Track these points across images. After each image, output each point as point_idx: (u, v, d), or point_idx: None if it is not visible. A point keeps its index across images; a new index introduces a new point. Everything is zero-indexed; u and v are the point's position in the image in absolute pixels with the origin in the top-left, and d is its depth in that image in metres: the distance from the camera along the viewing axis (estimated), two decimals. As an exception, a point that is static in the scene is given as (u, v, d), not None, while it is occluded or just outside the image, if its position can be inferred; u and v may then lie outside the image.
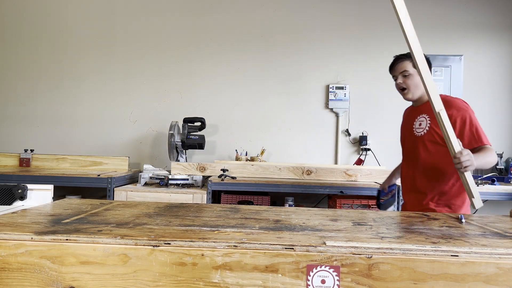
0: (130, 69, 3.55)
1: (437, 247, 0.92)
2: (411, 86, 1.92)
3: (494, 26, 3.41)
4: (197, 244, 0.92)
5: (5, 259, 0.92)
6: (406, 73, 1.91)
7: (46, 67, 3.58)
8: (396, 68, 1.94)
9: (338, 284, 0.88)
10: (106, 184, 2.72)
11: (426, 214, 1.46)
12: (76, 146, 3.51)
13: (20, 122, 3.57)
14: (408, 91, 1.93)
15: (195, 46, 3.52)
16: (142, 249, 0.91)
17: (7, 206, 1.42)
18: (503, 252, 0.91)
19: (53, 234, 0.95)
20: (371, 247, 0.91)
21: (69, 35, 3.58)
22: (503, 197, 2.69)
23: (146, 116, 3.53)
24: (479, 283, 0.87)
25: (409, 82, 1.91)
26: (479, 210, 3.18)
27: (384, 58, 3.45)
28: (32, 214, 1.22)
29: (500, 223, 1.31)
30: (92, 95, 3.55)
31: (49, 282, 0.91)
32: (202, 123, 3.16)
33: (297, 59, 3.50)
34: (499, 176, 3.11)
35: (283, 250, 0.90)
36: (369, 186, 2.70)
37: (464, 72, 3.41)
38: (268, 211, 1.43)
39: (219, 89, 3.47)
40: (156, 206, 1.48)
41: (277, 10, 3.51)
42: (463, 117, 1.81)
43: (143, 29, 3.56)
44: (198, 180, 2.87)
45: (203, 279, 0.90)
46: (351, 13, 3.48)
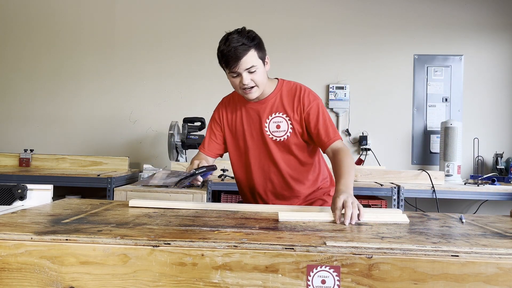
0: (130, 69, 3.55)
1: (437, 247, 0.92)
2: (260, 82, 1.55)
3: (494, 26, 3.41)
4: (197, 244, 0.92)
5: (4, 259, 0.92)
6: (254, 69, 1.51)
7: (46, 67, 3.58)
8: (239, 64, 1.48)
9: (339, 284, 0.88)
10: (106, 184, 2.72)
11: (426, 214, 1.46)
12: (76, 146, 3.51)
13: (20, 122, 3.57)
14: (256, 88, 1.55)
15: (195, 46, 3.52)
16: (142, 249, 0.91)
17: (6, 206, 1.42)
18: (503, 252, 0.91)
19: (53, 234, 0.95)
20: (371, 247, 0.91)
21: (69, 35, 3.58)
22: (503, 197, 2.69)
23: (146, 116, 3.53)
24: (479, 283, 0.87)
25: (258, 77, 1.53)
26: (479, 210, 3.20)
27: (384, 58, 3.46)
28: (32, 214, 1.22)
29: (501, 223, 1.30)
30: (92, 95, 3.55)
31: (48, 282, 0.91)
32: (202, 123, 3.15)
33: (297, 58, 3.50)
34: (499, 176, 3.12)
35: (283, 250, 0.90)
36: (369, 186, 2.70)
37: (464, 72, 3.41)
38: (268, 211, 1.43)
39: (219, 89, 3.45)
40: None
41: (277, 10, 3.51)
42: (316, 108, 1.60)
43: (143, 29, 3.55)
44: (198, 180, 2.87)
45: (203, 279, 0.89)
46: (351, 12, 3.48)
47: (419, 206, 3.26)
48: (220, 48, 1.52)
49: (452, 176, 3.01)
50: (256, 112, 1.65)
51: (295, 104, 1.62)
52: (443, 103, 3.42)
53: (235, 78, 1.55)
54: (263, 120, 1.64)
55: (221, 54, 1.52)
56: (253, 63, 1.50)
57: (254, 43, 1.51)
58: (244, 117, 1.68)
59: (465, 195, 2.73)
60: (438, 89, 3.43)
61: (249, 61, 1.49)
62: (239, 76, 1.52)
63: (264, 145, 1.66)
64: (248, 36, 1.51)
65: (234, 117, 1.70)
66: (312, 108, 1.61)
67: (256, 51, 1.52)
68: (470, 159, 3.23)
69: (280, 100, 1.63)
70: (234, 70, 1.51)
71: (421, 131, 3.42)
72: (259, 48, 1.53)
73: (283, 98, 1.64)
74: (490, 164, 3.33)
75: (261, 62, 1.55)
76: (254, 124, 1.66)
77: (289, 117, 1.62)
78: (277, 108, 1.63)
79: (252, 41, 1.51)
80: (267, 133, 1.64)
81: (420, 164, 3.39)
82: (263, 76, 1.57)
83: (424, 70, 3.43)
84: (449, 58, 3.42)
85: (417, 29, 3.45)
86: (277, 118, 1.63)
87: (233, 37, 1.49)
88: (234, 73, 1.52)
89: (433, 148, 3.40)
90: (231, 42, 1.48)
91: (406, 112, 3.44)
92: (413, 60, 3.44)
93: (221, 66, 1.57)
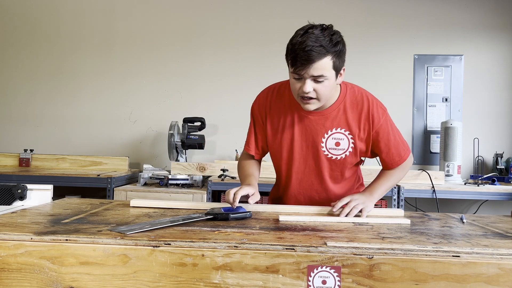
0: (130, 69, 3.54)
1: (438, 247, 0.92)
2: (323, 96, 1.31)
3: (494, 26, 3.41)
4: (198, 244, 0.91)
5: (4, 260, 0.92)
6: (322, 79, 1.26)
7: (46, 67, 3.57)
8: (307, 68, 1.24)
9: (339, 284, 0.88)
10: (106, 184, 2.72)
11: (426, 214, 1.45)
12: (76, 146, 3.51)
13: (20, 122, 3.57)
14: (316, 101, 1.32)
15: (195, 45, 3.52)
16: (142, 249, 0.91)
17: (6, 206, 1.42)
18: (504, 252, 0.91)
19: (52, 234, 0.95)
20: (372, 248, 0.91)
21: (69, 35, 3.58)
22: (504, 197, 2.69)
23: (146, 116, 3.52)
24: (480, 283, 0.87)
25: (323, 90, 1.29)
26: (479, 210, 3.19)
27: (384, 58, 3.46)
28: (32, 214, 1.22)
29: (502, 223, 1.30)
30: (92, 95, 3.55)
31: (48, 283, 0.91)
32: (202, 123, 3.15)
33: (297, 59, 3.49)
34: (499, 176, 3.11)
35: (283, 251, 0.90)
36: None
37: (464, 72, 3.41)
38: (268, 211, 1.43)
39: (219, 89, 3.47)
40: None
41: (278, 10, 3.51)
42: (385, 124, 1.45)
43: (143, 29, 3.55)
44: (198, 180, 2.87)
45: (203, 279, 0.89)
46: (351, 12, 3.48)
47: (419, 206, 3.26)
48: (293, 40, 1.26)
49: (452, 176, 3.01)
50: (314, 124, 1.41)
51: (362, 120, 1.40)
52: (443, 103, 3.42)
53: (296, 81, 1.30)
54: (320, 134, 1.42)
55: (291, 48, 1.26)
56: (323, 72, 1.25)
57: (335, 50, 1.25)
58: (296, 125, 1.43)
59: (465, 195, 2.73)
60: (438, 89, 3.43)
61: (320, 69, 1.24)
62: (302, 81, 1.28)
63: (315, 162, 1.46)
64: (331, 38, 1.24)
65: (282, 121, 1.45)
66: (382, 126, 1.41)
67: (334, 59, 1.26)
68: (470, 159, 3.23)
69: (344, 113, 1.40)
70: (299, 72, 1.26)
71: (421, 131, 3.42)
72: (338, 56, 1.27)
73: (347, 110, 1.40)
74: (490, 164, 3.33)
75: (334, 74, 1.28)
76: (307, 137, 1.43)
77: (352, 134, 1.41)
78: (339, 123, 1.41)
79: (334, 47, 1.24)
80: (323, 150, 1.42)
81: (420, 164, 3.38)
82: (330, 90, 1.32)
83: (424, 70, 3.43)
84: (449, 58, 3.42)
85: (417, 29, 3.44)
86: (338, 135, 1.41)
87: (313, 32, 1.23)
88: (298, 75, 1.28)
89: (433, 148, 3.39)
90: (308, 39, 1.22)
91: (406, 112, 3.43)
92: (413, 60, 3.44)
93: (286, 59, 1.32)
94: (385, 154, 1.45)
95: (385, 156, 1.46)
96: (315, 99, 1.31)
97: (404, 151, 1.47)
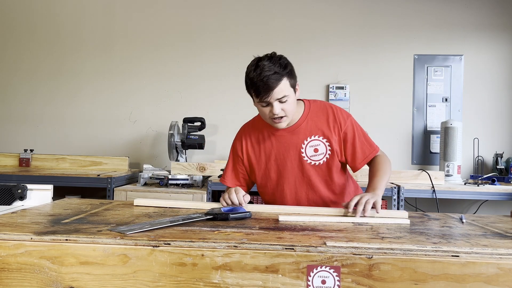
0: (130, 69, 3.54)
1: (437, 247, 0.92)
2: (290, 112, 1.48)
3: (494, 26, 3.41)
4: (197, 244, 0.91)
5: (4, 259, 0.92)
6: (285, 99, 1.43)
7: (46, 66, 3.58)
8: (271, 94, 1.40)
9: (339, 284, 0.88)
10: (106, 184, 2.72)
11: (426, 214, 1.46)
12: (76, 146, 3.51)
13: (20, 122, 3.57)
14: (286, 118, 1.49)
15: (195, 46, 3.52)
16: (142, 249, 0.91)
17: (6, 206, 1.42)
18: (504, 252, 0.91)
19: (52, 234, 0.95)
20: (371, 248, 0.91)
21: (69, 34, 3.58)
22: (504, 197, 2.69)
23: (146, 116, 3.52)
24: (480, 283, 0.87)
25: (288, 107, 1.46)
26: (479, 210, 3.19)
27: (384, 58, 3.46)
28: (32, 214, 1.22)
29: (501, 223, 1.30)
30: (92, 95, 3.55)
31: (48, 283, 0.91)
32: (202, 123, 3.15)
33: (297, 58, 3.44)
34: (499, 176, 3.11)
35: (283, 251, 0.90)
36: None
37: (464, 72, 3.41)
38: (268, 211, 1.43)
39: (219, 89, 3.47)
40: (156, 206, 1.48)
41: (278, 10, 3.51)
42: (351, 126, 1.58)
43: (143, 29, 3.55)
44: (198, 180, 2.87)
45: (203, 279, 0.89)
46: (351, 12, 3.48)
47: (419, 206, 3.26)
48: (249, 75, 1.43)
49: (452, 176, 3.01)
50: (289, 139, 1.56)
51: (330, 124, 1.56)
52: (443, 103, 3.42)
53: (264, 108, 1.46)
54: (298, 146, 1.55)
55: (251, 82, 1.43)
56: (285, 93, 1.42)
57: (286, 71, 1.43)
58: (274, 145, 1.58)
59: (465, 195, 2.73)
60: (438, 89, 3.43)
61: (281, 91, 1.41)
62: (269, 106, 1.45)
63: (301, 172, 1.57)
64: (280, 63, 1.42)
65: (262, 147, 1.60)
66: (348, 127, 1.56)
67: (288, 79, 1.44)
68: (470, 159, 3.23)
69: (313, 122, 1.56)
70: (264, 100, 1.42)
71: (421, 131, 3.42)
72: (291, 75, 1.45)
73: (315, 119, 1.57)
74: (490, 164, 3.33)
75: (292, 91, 1.47)
76: (288, 152, 1.56)
77: (326, 138, 1.55)
78: (312, 131, 1.55)
79: (285, 69, 1.42)
80: (305, 159, 1.55)
81: (420, 164, 3.38)
82: (294, 105, 1.49)
83: (424, 70, 3.43)
84: (449, 58, 3.42)
85: (417, 29, 3.44)
86: (314, 142, 1.55)
87: (264, 64, 1.40)
88: (264, 102, 1.44)
89: (433, 148, 3.39)
90: (262, 70, 1.39)
91: (406, 112, 3.43)
92: (413, 60, 3.44)
93: (248, 92, 1.49)
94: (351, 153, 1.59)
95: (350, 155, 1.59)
96: (284, 116, 1.47)
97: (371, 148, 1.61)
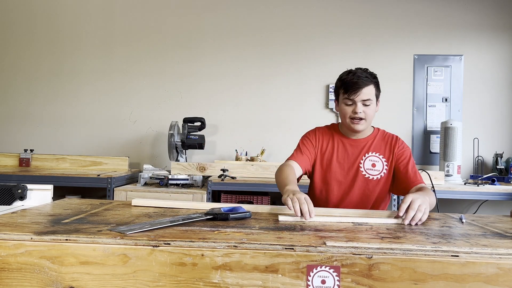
0: (130, 69, 3.54)
1: (437, 247, 0.92)
2: (369, 117, 1.63)
3: (494, 26, 3.41)
4: (197, 244, 0.92)
5: (4, 259, 0.92)
6: (369, 102, 1.60)
7: (46, 66, 3.58)
8: (359, 93, 1.57)
9: (338, 284, 0.88)
10: (106, 184, 2.72)
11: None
12: (76, 146, 3.51)
13: (20, 122, 3.57)
14: (365, 122, 1.63)
15: (195, 46, 3.52)
16: (142, 249, 0.91)
17: (6, 206, 1.42)
18: (503, 252, 0.91)
19: (52, 234, 0.95)
20: (371, 247, 0.91)
21: (69, 34, 3.58)
22: (503, 197, 2.69)
23: (146, 116, 3.53)
24: (479, 283, 0.87)
25: (369, 112, 1.61)
26: (479, 210, 3.19)
27: (384, 58, 3.46)
28: (32, 214, 1.22)
29: (501, 223, 1.30)
30: (92, 95, 3.55)
31: (48, 282, 0.91)
32: (202, 123, 3.16)
33: (297, 58, 3.49)
34: (499, 176, 3.11)
35: (283, 250, 0.90)
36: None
37: (464, 72, 3.41)
38: (268, 211, 1.43)
39: (219, 89, 3.47)
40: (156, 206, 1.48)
41: (277, 10, 3.51)
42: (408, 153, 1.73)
43: (143, 29, 3.55)
44: (198, 180, 2.87)
45: (203, 279, 0.89)
46: (351, 12, 3.48)
47: (419, 206, 3.26)
48: (342, 77, 1.64)
49: (452, 176, 3.01)
50: (354, 148, 1.71)
51: (392, 148, 1.71)
52: (443, 103, 3.42)
53: (348, 106, 1.62)
54: (360, 156, 1.70)
55: (342, 82, 1.62)
56: (370, 97, 1.59)
57: (375, 80, 1.63)
58: (339, 149, 1.72)
59: (465, 195, 2.72)
60: (438, 89, 3.43)
61: (367, 93, 1.59)
62: (354, 105, 1.60)
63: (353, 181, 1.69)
64: (371, 73, 1.64)
65: (331, 146, 1.74)
66: (404, 152, 1.70)
67: (375, 87, 1.63)
68: (470, 159, 3.23)
69: (378, 142, 1.72)
70: (352, 97, 1.59)
71: (421, 131, 3.42)
72: (377, 86, 1.65)
73: (380, 141, 1.73)
74: (490, 164, 3.33)
75: (376, 100, 1.64)
76: (348, 159, 1.70)
77: (386, 158, 1.70)
78: (375, 148, 1.71)
79: (374, 78, 1.63)
80: (361, 170, 1.69)
81: (420, 164, 3.39)
82: (373, 113, 1.65)
83: (424, 70, 3.43)
84: (449, 58, 3.42)
85: (417, 29, 3.45)
86: (374, 157, 1.69)
87: (357, 70, 1.63)
88: (350, 100, 1.60)
89: (433, 148, 3.40)
90: (356, 73, 1.60)
91: (406, 112, 3.44)
92: (413, 60, 3.44)
93: (335, 94, 1.69)
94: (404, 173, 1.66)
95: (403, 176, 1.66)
96: (363, 119, 1.61)
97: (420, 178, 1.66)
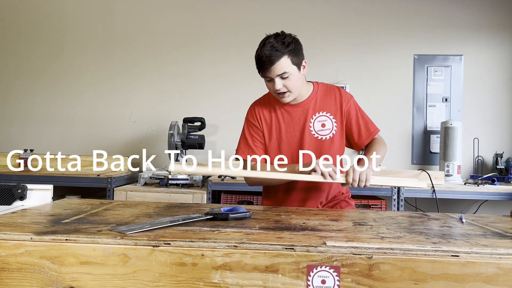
0: (130, 69, 3.54)
1: (437, 247, 0.92)
2: (293, 88, 1.57)
3: (494, 26, 3.41)
4: (197, 244, 0.92)
5: (4, 259, 0.92)
6: (286, 75, 1.53)
7: (46, 66, 3.58)
8: (271, 69, 1.51)
9: (339, 284, 0.88)
10: (106, 184, 2.72)
11: (426, 214, 1.46)
12: (76, 146, 3.51)
13: (20, 122, 3.57)
14: (289, 94, 1.58)
15: (195, 45, 3.52)
16: (142, 249, 0.91)
17: (6, 206, 1.42)
18: (503, 252, 0.91)
19: (53, 234, 0.95)
20: (371, 247, 0.91)
21: (69, 34, 3.58)
22: (503, 197, 2.69)
23: (146, 116, 3.52)
24: (479, 283, 0.87)
25: (291, 83, 1.55)
26: (479, 210, 3.20)
27: (384, 58, 3.46)
28: (32, 214, 1.22)
29: (501, 223, 1.30)
30: (92, 95, 3.55)
31: (48, 282, 0.91)
32: (202, 123, 3.15)
33: (297, 59, 3.49)
34: (499, 176, 3.11)
35: (283, 250, 0.90)
36: (369, 186, 2.69)
37: (464, 72, 3.41)
38: (268, 211, 1.43)
39: (219, 89, 3.47)
40: (156, 206, 1.48)
41: (277, 9, 3.51)
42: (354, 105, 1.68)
43: (143, 29, 3.55)
44: (198, 180, 2.87)
45: (203, 279, 0.89)
46: (352, 12, 3.48)
47: (419, 206, 3.26)
48: (256, 52, 1.56)
49: (452, 176, 3.01)
50: (299, 113, 1.66)
51: (336, 103, 1.66)
52: (443, 103, 3.42)
53: (268, 82, 1.59)
54: (307, 119, 1.64)
55: (256, 58, 1.56)
56: (285, 70, 1.52)
57: (288, 49, 1.52)
58: (284, 118, 1.67)
59: (465, 195, 2.73)
60: (438, 89, 3.43)
61: (280, 68, 1.51)
62: (272, 81, 1.55)
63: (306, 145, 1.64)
64: (283, 41, 1.52)
65: (274, 116, 1.68)
66: (351, 107, 1.66)
67: (290, 57, 1.53)
68: (470, 159, 3.23)
69: (321, 101, 1.67)
70: (266, 75, 1.54)
71: (421, 131, 3.42)
72: (294, 54, 1.54)
73: (324, 98, 1.67)
74: (490, 164, 3.33)
75: (295, 68, 1.55)
76: (296, 124, 1.65)
77: (333, 115, 1.66)
78: (321, 107, 1.66)
79: (287, 47, 1.52)
80: (312, 132, 1.64)
81: (420, 164, 3.38)
82: (297, 82, 1.58)
83: (424, 70, 3.43)
84: (449, 58, 3.42)
85: (417, 29, 3.44)
86: (322, 117, 1.65)
87: (269, 41, 1.53)
88: (267, 77, 1.56)
89: (433, 148, 3.39)
90: (265, 47, 1.52)
91: (406, 112, 3.43)
92: (413, 60, 3.44)
93: (257, 69, 1.60)
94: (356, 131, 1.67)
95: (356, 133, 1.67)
96: (287, 92, 1.57)
97: (373, 128, 1.69)
